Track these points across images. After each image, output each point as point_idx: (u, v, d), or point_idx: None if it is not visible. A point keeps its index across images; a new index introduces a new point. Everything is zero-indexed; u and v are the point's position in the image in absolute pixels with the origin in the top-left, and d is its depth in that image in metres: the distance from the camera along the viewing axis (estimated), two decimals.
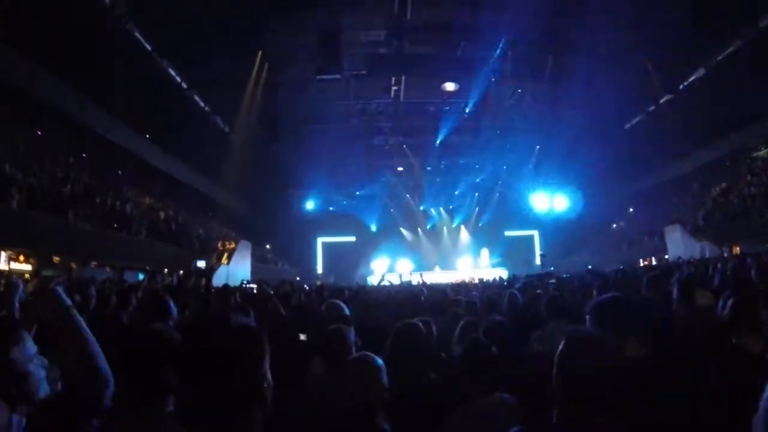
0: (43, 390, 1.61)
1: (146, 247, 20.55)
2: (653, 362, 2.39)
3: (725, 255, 18.36)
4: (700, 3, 17.19)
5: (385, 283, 15.60)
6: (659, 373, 2.34)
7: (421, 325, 3.52)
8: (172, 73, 21.63)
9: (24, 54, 16.72)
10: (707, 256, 19.34)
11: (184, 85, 22.73)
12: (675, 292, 4.84)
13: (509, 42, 20.39)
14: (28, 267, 15.33)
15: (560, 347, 1.91)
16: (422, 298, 7.61)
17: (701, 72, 22.62)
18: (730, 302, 2.96)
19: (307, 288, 13.65)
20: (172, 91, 22.15)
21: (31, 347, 1.55)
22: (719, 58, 21.57)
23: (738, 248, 20.67)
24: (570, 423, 1.71)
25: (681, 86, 21.51)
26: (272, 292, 6.36)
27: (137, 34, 18.55)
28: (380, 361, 2.65)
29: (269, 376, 1.35)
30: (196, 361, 1.29)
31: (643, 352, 2.37)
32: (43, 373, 1.61)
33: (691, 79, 22.81)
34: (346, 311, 4.49)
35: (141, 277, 19.45)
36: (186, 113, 23.92)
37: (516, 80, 24.20)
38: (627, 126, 29.99)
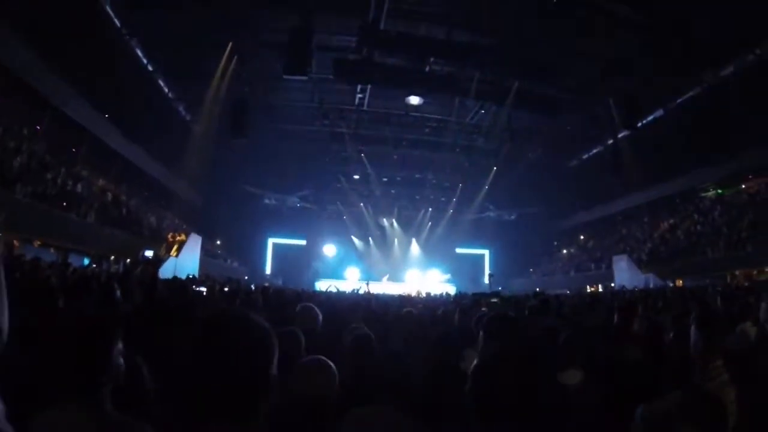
0: None
1: (94, 230, 19.93)
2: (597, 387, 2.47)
3: (670, 286, 19.12)
4: (667, 46, 17.80)
5: (332, 289, 15.69)
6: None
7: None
8: (140, 53, 21.16)
9: None
10: (651, 286, 20.04)
11: (150, 68, 22.26)
12: (616, 318, 5.03)
13: (478, 63, 20.66)
14: None
15: (474, 364, 1.97)
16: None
17: (660, 113, 23.46)
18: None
19: (253, 288, 13.58)
20: (136, 72, 21.64)
21: None
22: (679, 101, 22.42)
23: (681, 282, 21.47)
24: None
25: (639, 124, 22.22)
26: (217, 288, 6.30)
27: (108, 8, 18.10)
28: (333, 365, 2.66)
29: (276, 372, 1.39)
30: (214, 355, 1.33)
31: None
32: None
33: (649, 118, 23.60)
34: (320, 317, 4.49)
35: (86, 261, 18.89)
36: (149, 97, 23.38)
37: (480, 101, 24.50)
38: (585, 156, 30.77)
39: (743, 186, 25.47)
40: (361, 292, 17.69)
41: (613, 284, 24.83)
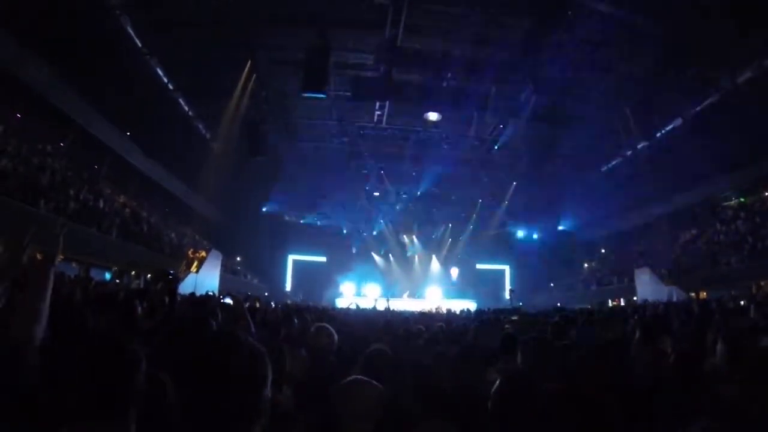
0: None
1: (116, 246, 20.17)
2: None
3: (693, 298, 18.76)
4: (682, 54, 17.67)
5: (352, 306, 15.71)
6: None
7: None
8: (160, 72, 21.49)
9: (13, 36, 16.53)
10: (674, 299, 19.67)
11: (171, 87, 22.59)
12: (638, 334, 4.93)
13: (494, 78, 20.66)
14: None
15: (495, 387, 1.95)
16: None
17: (678, 121, 23.21)
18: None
19: (273, 305, 13.61)
20: (157, 91, 21.97)
21: None
22: (697, 109, 22.16)
23: (705, 293, 21.07)
24: None
25: (658, 134, 21.98)
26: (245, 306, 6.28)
27: (129, 29, 18.43)
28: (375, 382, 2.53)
29: (270, 395, 1.39)
30: (206, 377, 1.33)
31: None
32: None
33: (668, 128, 23.35)
34: (335, 337, 4.47)
35: (108, 276, 19.10)
36: (169, 115, 23.74)
37: (498, 116, 24.45)
38: (603, 169, 30.52)
39: (766, 193, 25.04)
40: (381, 308, 17.69)
41: (635, 298, 24.44)
